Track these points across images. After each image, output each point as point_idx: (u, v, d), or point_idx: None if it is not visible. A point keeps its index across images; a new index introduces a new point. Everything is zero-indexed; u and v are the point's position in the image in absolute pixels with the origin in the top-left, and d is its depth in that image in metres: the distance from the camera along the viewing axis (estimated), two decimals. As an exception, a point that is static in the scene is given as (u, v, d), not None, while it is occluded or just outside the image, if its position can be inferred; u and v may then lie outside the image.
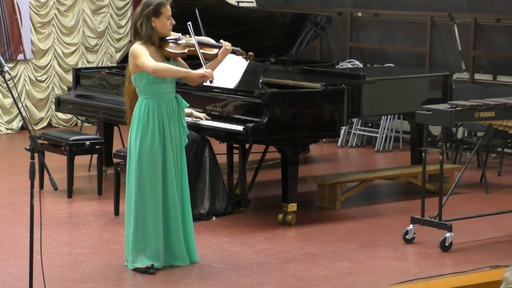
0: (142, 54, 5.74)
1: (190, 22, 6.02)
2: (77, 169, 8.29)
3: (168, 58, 5.92)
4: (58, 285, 5.59)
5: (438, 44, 10.63)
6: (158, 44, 5.84)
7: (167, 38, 5.88)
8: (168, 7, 5.85)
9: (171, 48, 5.86)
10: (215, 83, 6.23)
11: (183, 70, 5.90)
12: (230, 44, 6.04)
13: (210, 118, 7.24)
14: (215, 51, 6.01)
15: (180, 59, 5.99)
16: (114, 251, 6.32)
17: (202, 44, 5.99)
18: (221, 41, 6.04)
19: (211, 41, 6.08)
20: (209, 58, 6.03)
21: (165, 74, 5.81)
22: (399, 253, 6.46)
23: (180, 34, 5.94)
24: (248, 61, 7.17)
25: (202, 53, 5.94)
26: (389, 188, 8.79)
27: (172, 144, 5.89)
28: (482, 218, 7.19)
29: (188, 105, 6.12)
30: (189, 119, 7.17)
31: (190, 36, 5.93)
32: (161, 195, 5.88)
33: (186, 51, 5.90)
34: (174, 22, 5.89)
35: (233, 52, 6.13)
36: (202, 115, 7.25)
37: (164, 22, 5.82)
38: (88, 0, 11.97)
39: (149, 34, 5.79)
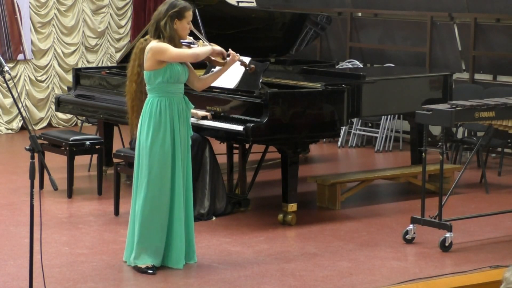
0: (170, 47, 5.80)
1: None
2: (77, 169, 8.29)
3: None
4: (58, 285, 5.59)
5: (438, 44, 10.62)
6: (177, 45, 5.88)
7: (182, 41, 5.94)
8: (191, 12, 5.94)
9: None
10: (217, 84, 6.23)
11: (209, 47, 5.99)
12: (238, 54, 6.12)
13: (211, 118, 7.24)
14: (224, 60, 6.09)
15: (189, 63, 6.03)
16: (114, 251, 6.32)
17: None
18: (230, 50, 6.10)
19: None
20: (218, 66, 6.14)
21: (203, 55, 5.91)
22: (399, 253, 6.46)
23: (192, 39, 6.01)
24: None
25: (213, 60, 6.04)
26: (389, 188, 8.79)
27: (181, 144, 5.94)
28: (482, 218, 7.18)
29: (193, 106, 6.16)
30: (193, 120, 7.16)
31: (204, 43, 6.02)
32: (169, 195, 5.90)
33: None
34: (192, 27, 5.97)
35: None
36: (208, 114, 7.24)
37: (185, 26, 5.91)
38: (88, 0, 11.97)
39: (172, 34, 5.85)
